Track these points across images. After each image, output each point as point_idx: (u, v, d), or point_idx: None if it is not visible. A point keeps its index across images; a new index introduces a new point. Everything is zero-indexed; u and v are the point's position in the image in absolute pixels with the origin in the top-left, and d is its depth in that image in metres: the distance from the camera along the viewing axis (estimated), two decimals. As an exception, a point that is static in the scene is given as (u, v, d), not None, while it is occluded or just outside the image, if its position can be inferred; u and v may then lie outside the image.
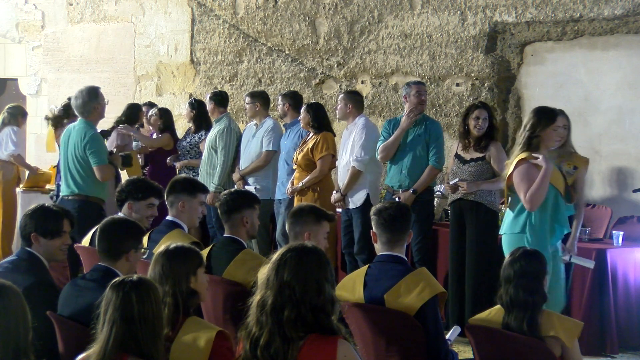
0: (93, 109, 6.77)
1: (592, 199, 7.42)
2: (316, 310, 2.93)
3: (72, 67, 11.62)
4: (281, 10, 9.38)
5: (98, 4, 11.34)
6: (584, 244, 6.30)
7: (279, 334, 2.92)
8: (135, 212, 5.13)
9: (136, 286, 2.95)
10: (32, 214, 4.20)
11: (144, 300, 2.92)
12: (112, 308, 2.92)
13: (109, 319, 2.92)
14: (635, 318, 6.22)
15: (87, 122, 6.76)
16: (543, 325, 3.72)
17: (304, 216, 4.33)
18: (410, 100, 6.85)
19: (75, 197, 6.67)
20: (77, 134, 6.72)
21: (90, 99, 6.76)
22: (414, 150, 6.85)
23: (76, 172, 6.69)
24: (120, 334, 2.89)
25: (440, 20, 8.22)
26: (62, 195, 6.90)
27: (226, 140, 7.99)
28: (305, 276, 2.95)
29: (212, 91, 8.64)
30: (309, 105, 7.46)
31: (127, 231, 3.94)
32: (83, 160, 6.66)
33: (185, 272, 3.39)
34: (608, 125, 7.40)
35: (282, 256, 3.00)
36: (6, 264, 4.14)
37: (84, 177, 6.67)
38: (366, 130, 7.04)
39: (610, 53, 7.39)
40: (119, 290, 2.94)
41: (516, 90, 7.95)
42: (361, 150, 6.96)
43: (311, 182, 7.21)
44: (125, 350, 2.89)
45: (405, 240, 4.08)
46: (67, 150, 6.78)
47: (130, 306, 2.91)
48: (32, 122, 11.97)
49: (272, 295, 2.95)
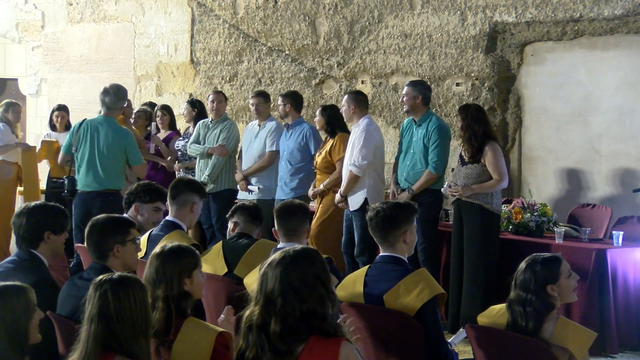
0: (122, 108, 7.17)
1: (592, 199, 7.43)
2: (306, 318, 2.86)
3: (72, 67, 11.62)
4: (281, 10, 9.38)
5: (98, 4, 11.34)
6: (584, 244, 6.30)
7: (269, 349, 2.86)
8: (141, 214, 5.14)
9: (114, 284, 2.93)
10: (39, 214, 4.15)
11: (120, 298, 2.90)
12: (90, 305, 2.92)
13: (87, 317, 2.92)
14: (635, 318, 6.21)
15: (113, 120, 7.02)
16: (555, 333, 3.68)
17: (302, 214, 4.42)
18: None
19: (106, 191, 6.85)
20: (113, 131, 6.89)
21: (120, 98, 7.04)
22: (414, 152, 6.85)
23: (108, 166, 6.88)
24: (99, 331, 2.88)
25: (440, 20, 8.22)
26: (86, 190, 6.91)
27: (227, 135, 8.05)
28: (287, 286, 2.86)
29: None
30: (323, 109, 7.49)
31: (107, 229, 3.92)
32: (118, 157, 6.88)
33: (177, 274, 3.37)
34: (608, 125, 7.40)
35: (267, 267, 2.94)
36: (7, 264, 4.13)
37: (116, 172, 6.92)
38: (365, 135, 6.97)
39: (610, 53, 7.39)
40: (97, 288, 2.93)
41: (516, 90, 7.95)
42: (359, 156, 6.95)
43: (331, 183, 7.25)
44: (108, 349, 2.88)
45: (395, 241, 4.03)
46: (98, 145, 6.89)
47: (107, 304, 2.89)
48: (32, 122, 11.98)
49: (258, 309, 2.90)
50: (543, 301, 3.69)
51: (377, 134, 7.13)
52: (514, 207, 6.80)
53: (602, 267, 6.06)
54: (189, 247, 3.56)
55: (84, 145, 6.93)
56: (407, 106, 6.91)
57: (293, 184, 7.59)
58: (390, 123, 8.64)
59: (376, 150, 7.04)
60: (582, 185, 7.58)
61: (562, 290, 3.74)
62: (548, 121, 7.76)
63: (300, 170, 7.62)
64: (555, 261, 3.78)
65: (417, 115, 6.90)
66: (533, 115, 7.86)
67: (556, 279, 3.72)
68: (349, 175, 6.98)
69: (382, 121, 8.59)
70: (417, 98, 6.85)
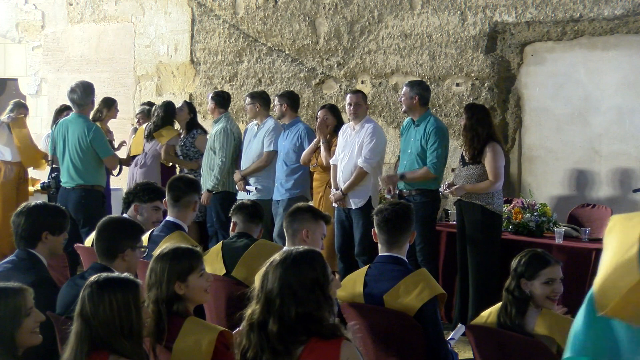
0: (90, 103, 7.45)
1: (592, 199, 7.43)
2: (302, 320, 2.84)
3: (72, 67, 11.61)
4: (281, 10, 9.38)
5: (98, 4, 11.33)
6: (584, 244, 6.30)
7: (268, 348, 2.85)
8: (140, 214, 5.14)
9: (95, 286, 2.94)
10: (38, 214, 4.16)
11: (94, 301, 2.91)
12: (77, 304, 2.96)
13: (75, 315, 2.95)
14: (635, 318, 6.20)
15: (85, 116, 7.38)
16: (539, 323, 3.71)
17: (301, 214, 4.33)
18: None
19: (80, 187, 7.23)
20: (79, 127, 7.24)
21: (88, 94, 7.33)
22: (411, 152, 6.87)
23: (79, 163, 7.23)
24: (81, 330, 2.90)
25: (440, 20, 8.22)
26: (65, 186, 7.35)
27: (223, 142, 7.97)
28: (286, 288, 2.85)
29: (214, 91, 8.62)
30: (331, 109, 7.55)
31: (124, 231, 3.95)
32: (87, 152, 7.23)
33: (167, 278, 3.36)
34: (608, 125, 7.40)
35: (268, 267, 2.93)
36: (5, 264, 4.13)
37: (88, 167, 7.25)
38: (378, 134, 7.05)
39: (610, 53, 7.39)
40: (85, 288, 2.97)
41: (516, 90, 7.95)
42: (371, 153, 6.96)
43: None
44: (98, 347, 2.88)
45: (405, 242, 4.07)
46: (68, 143, 7.27)
47: (83, 305, 2.93)
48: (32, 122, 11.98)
49: (259, 307, 2.89)
50: (518, 291, 3.77)
51: (384, 134, 7.25)
52: (514, 207, 6.81)
53: (602, 267, 6.05)
54: (189, 250, 3.51)
55: (59, 144, 7.40)
56: (404, 106, 6.92)
57: (288, 184, 7.58)
58: (390, 123, 8.64)
59: (383, 150, 7.13)
60: (582, 185, 7.58)
61: (534, 291, 3.78)
62: (548, 121, 7.76)
63: (296, 171, 7.60)
64: (542, 262, 3.80)
65: (415, 115, 6.91)
66: (533, 115, 7.87)
67: (531, 278, 3.77)
68: (357, 172, 6.96)
69: (382, 121, 8.59)
70: (414, 98, 6.86)
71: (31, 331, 3.05)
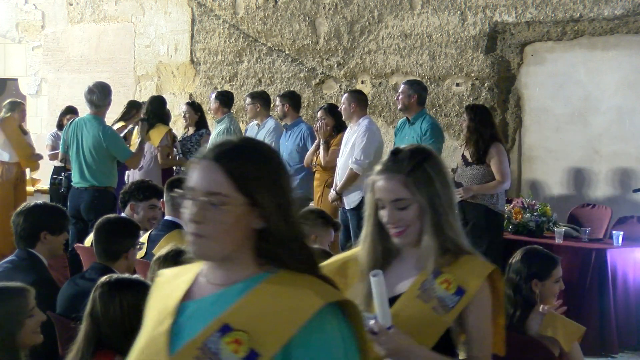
0: (109, 104, 7.26)
1: (592, 199, 7.43)
2: None
3: (72, 67, 11.61)
4: (281, 10, 9.38)
5: (98, 4, 11.33)
6: (584, 244, 6.30)
7: None
8: (137, 213, 5.14)
9: (107, 287, 2.93)
10: (37, 213, 4.15)
11: (105, 301, 2.90)
12: (87, 304, 2.95)
13: (84, 316, 2.94)
14: (635, 318, 6.21)
15: (101, 118, 7.18)
16: (545, 325, 3.70)
17: (313, 218, 4.26)
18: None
19: (93, 188, 7.07)
20: (95, 129, 7.05)
21: (106, 95, 7.18)
22: None
23: (93, 164, 7.06)
24: (89, 330, 2.89)
25: (440, 20, 8.22)
26: (76, 186, 7.19)
27: None
28: None
29: (218, 90, 8.62)
30: (330, 109, 7.49)
31: (124, 230, 3.95)
32: (101, 154, 7.05)
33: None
34: (608, 125, 7.41)
35: None
36: (5, 264, 4.13)
37: (101, 169, 7.09)
38: (369, 134, 6.96)
39: (610, 53, 7.39)
40: (96, 289, 2.95)
41: (516, 90, 7.95)
42: (361, 154, 6.93)
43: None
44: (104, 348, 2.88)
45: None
46: (82, 143, 7.10)
47: (94, 304, 2.92)
48: (32, 122, 11.97)
49: None
50: (527, 292, 3.74)
51: (378, 134, 7.14)
52: (514, 207, 6.80)
53: (602, 267, 6.06)
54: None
55: (73, 143, 7.23)
56: (401, 104, 6.91)
57: (292, 185, 7.57)
58: (390, 123, 8.63)
59: (377, 150, 7.03)
60: (582, 185, 7.58)
61: (545, 291, 3.75)
62: (548, 121, 7.76)
63: (299, 172, 7.59)
64: (552, 262, 3.79)
65: (410, 114, 6.90)
66: (533, 115, 7.87)
67: (544, 278, 3.74)
68: (349, 174, 6.95)
69: (382, 121, 8.58)
70: (412, 97, 6.86)
71: (33, 331, 3.05)
